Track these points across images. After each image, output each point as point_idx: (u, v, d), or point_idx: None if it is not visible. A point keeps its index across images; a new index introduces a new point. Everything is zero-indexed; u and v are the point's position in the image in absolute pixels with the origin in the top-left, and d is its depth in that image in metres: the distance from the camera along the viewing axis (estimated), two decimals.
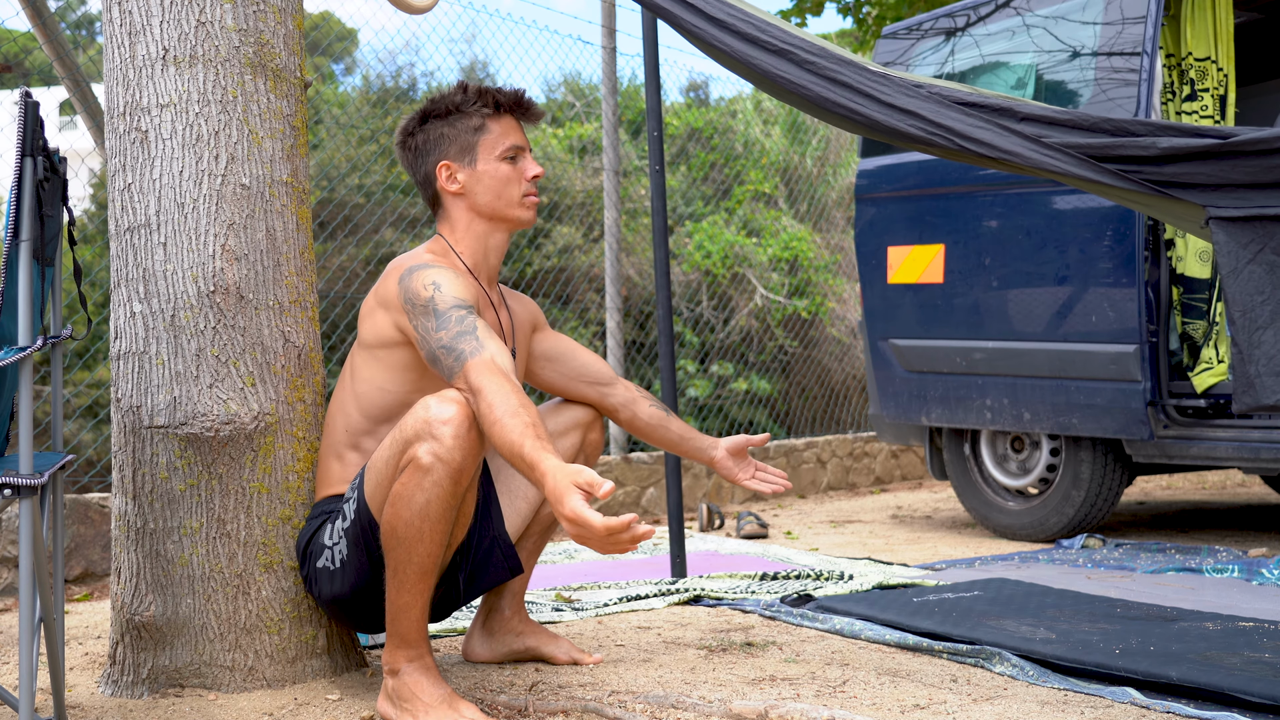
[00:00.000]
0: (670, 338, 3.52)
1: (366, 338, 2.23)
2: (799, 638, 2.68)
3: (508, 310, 2.42)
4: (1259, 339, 1.81)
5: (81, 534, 3.65)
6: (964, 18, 4.57)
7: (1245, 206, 1.83)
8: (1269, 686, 2.02)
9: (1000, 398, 4.31)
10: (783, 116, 8.21)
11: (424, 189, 2.36)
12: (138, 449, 2.24)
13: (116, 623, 2.29)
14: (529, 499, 2.45)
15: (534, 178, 2.32)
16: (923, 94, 2.03)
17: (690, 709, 2.07)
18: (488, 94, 2.32)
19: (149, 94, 2.24)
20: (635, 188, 7.29)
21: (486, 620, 2.50)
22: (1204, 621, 2.66)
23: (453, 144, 2.31)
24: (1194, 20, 4.09)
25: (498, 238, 2.34)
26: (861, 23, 8.95)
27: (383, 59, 7.23)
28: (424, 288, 2.12)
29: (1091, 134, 1.96)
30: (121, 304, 2.27)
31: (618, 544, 1.73)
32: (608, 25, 5.63)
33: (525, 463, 1.84)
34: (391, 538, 2.01)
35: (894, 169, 4.69)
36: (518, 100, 2.34)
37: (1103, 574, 3.50)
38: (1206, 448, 3.87)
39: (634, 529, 1.71)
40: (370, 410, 2.22)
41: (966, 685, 2.23)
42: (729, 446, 2.53)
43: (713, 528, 4.99)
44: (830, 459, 6.54)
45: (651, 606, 3.05)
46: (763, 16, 2.17)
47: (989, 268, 4.33)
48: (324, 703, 2.16)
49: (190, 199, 2.22)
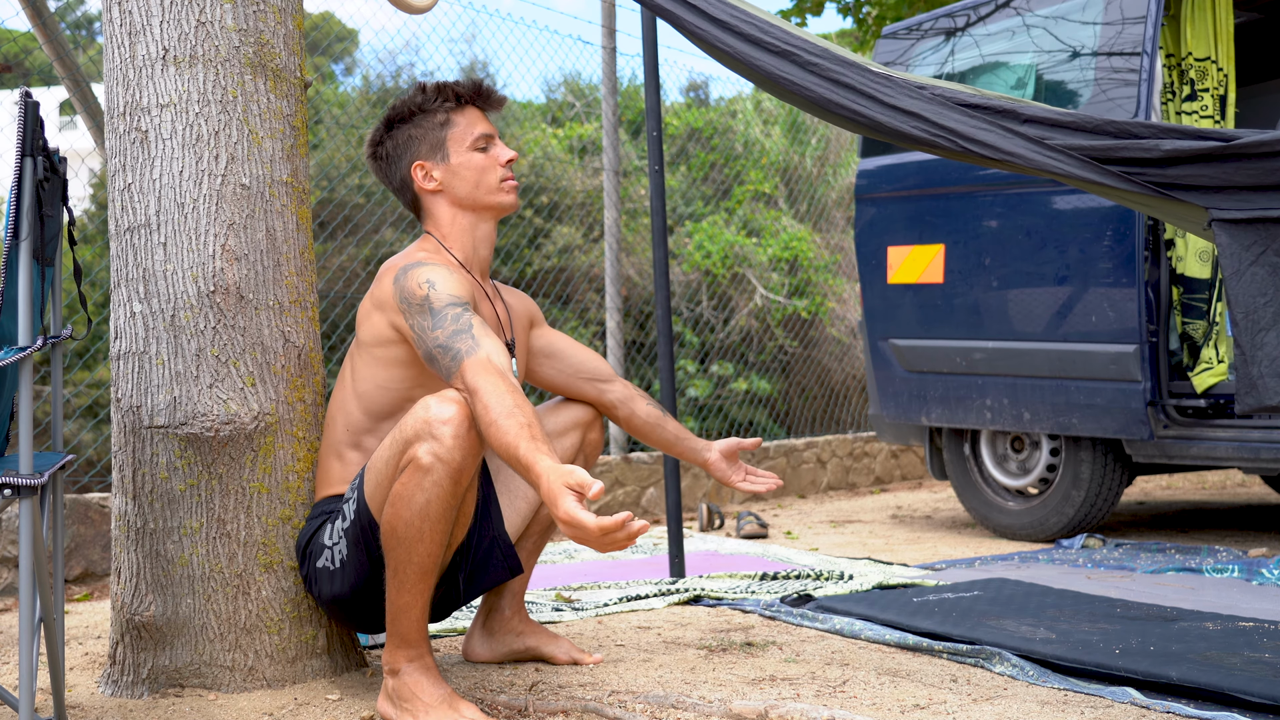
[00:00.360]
0: (670, 338, 3.52)
1: (364, 338, 2.23)
2: (799, 638, 2.68)
3: (503, 302, 2.42)
4: (1262, 340, 1.81)
5: (81, 534, 3.65)
6: (964, 18, 4.57)
7: (1248, 209, 1.83)
8: (1269, 686, 2.02)
9: (1000, 398, 4.31)
10: (783, 116, 8.21)
11: (402, 194, 2.37)
12: (138, 449, 2.24)
13: (116, 623, 2.29)
14: (529, 499, 2.45)
15: (508, 162, 2.33)
16: (926, 95, 2.03)
17: (690, 709, 2.07)
18: (447, 89, 2.32)
19: (149, 94, 2.24)
20: (635, 188, 7.29)
21: (487, 620, 2.50)
22: (1204, 621, 2.66)
23: (422, 143, 2.31)
24: (1194, 20, 4.09)
25: (484, 228, 2.34)
26: (861, 23, 8.95)
27: (383, 59, 7.23)
28: (419, 286, 2.12)
29: (1095, 136, 1.96)
30: (121, 304, 2.27)
31: (614, 542, 1.74)
32: (608, 25, 5.63)
33: (521, 464, 1.84)
34: (391, 538, 2.01)
35: (894, 169, 4.69)
36: (478, 90, 2.35)
37: (1103, 574, 3.50)
38: (1206, 448, 3.87)
39: (628, 527, 1.72)
40: (372, 408, 2.22)
41: (966, 685, 2.23)
42: (722, 449, 2.55)
43: (713, 528, 4.99)
44: (830, 459, 6.53)
45: (651, 606, 3.05)
46: (764, 17, 2.17)
47: (989, 268, 4.33)
48: (324, 703, 2.16)
49: (190, 199, 2.22)
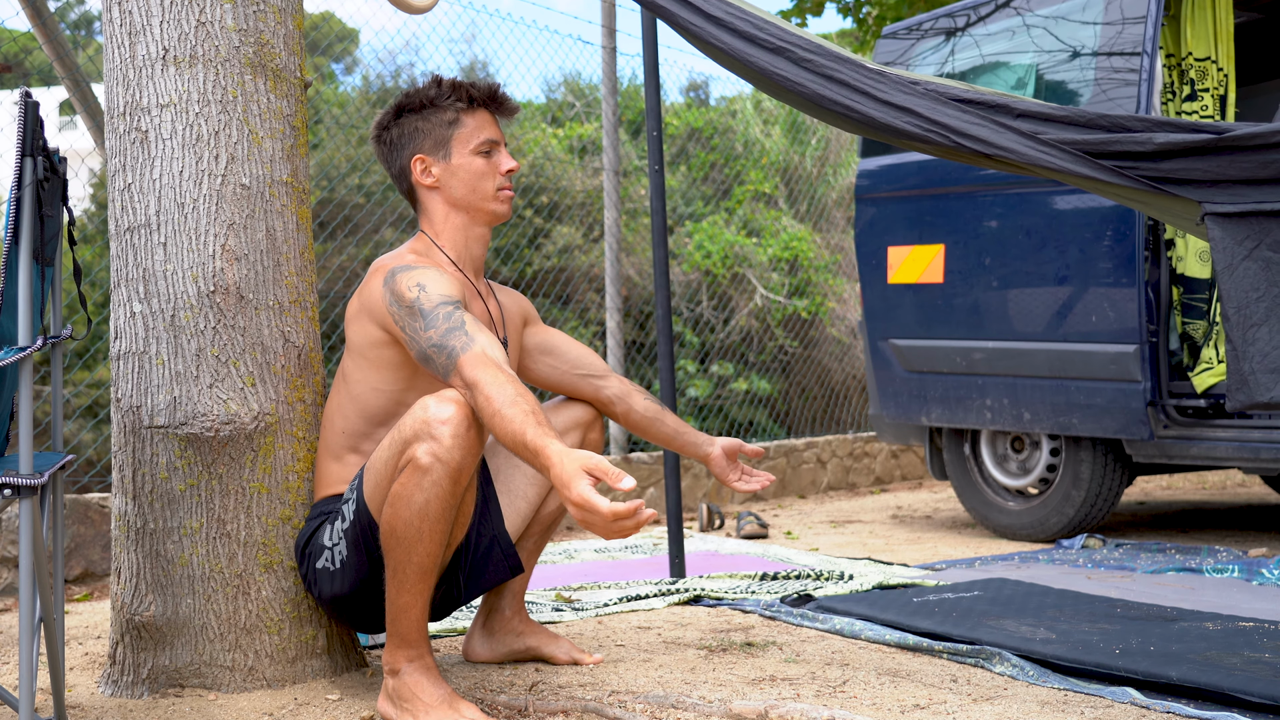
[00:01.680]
0: (670, 338, 3.52)
1: (355, 341, 2.22)
2: (799, 638, 2.68)
3: (496, 301, 2.41)
4: (1253, 336, 1.80)
5: (81, 534, 3.65)
6: (964, 18, 4.57)
7: (1241, 202, 1.82)
8: (1269, 686, 2.02)
9: (1000, 398, 4.31)
10: (783, 116, 8.21)
11: (399, 182, 2.37)
12: (138, 449, 2.24)
13: (116, 623, 2.29)
14: (529, 498, 2.45)
15: (508, 172, 2.32)
16: (919, 90, 2.03)
17: (690, 709, 2.07)
18: (462, 88, 2.31)
19: (149, 94, 2.24)
20: (635, 188, 7.28)
21: (487, 620, 2.50)
22: (1204, 621, 2.66)
23: (427, 138, 2.31)
24: (1194, 20, 4.09)
25: (477, 230, 2.34)
26: (862, 23, 8.95)
27: (383, 59, 7.23)
28: (408, 289, 2.11)
29: (1088, 130, 1.95)
30: (121, 304, 2.27)
31: (621, 529, 1.74)
32: (608, 25, 5.63)
33: (529, 450, 1.83)
34: (391, 538, 2.01)
35: (894, 169, 4.69)
36: (492, 94, 2.34)
37: (1103, 574, 3.50)
38: (1206, 448, 3.87)
39: (639, 514, 1.72)
40: (366, 411, 2.22)
41: (966, 685, 2.23)
42: (725, 446, 2.53)
43: (713, 528, 4.99)
44: (830, 459, 6.53)
45: (651, 606, 3.05)
46: (760, 15, 2.17)
47: (989, 268, 4.33)
48: (324, 703, 2.16)
49: (190, 199, 2.22)
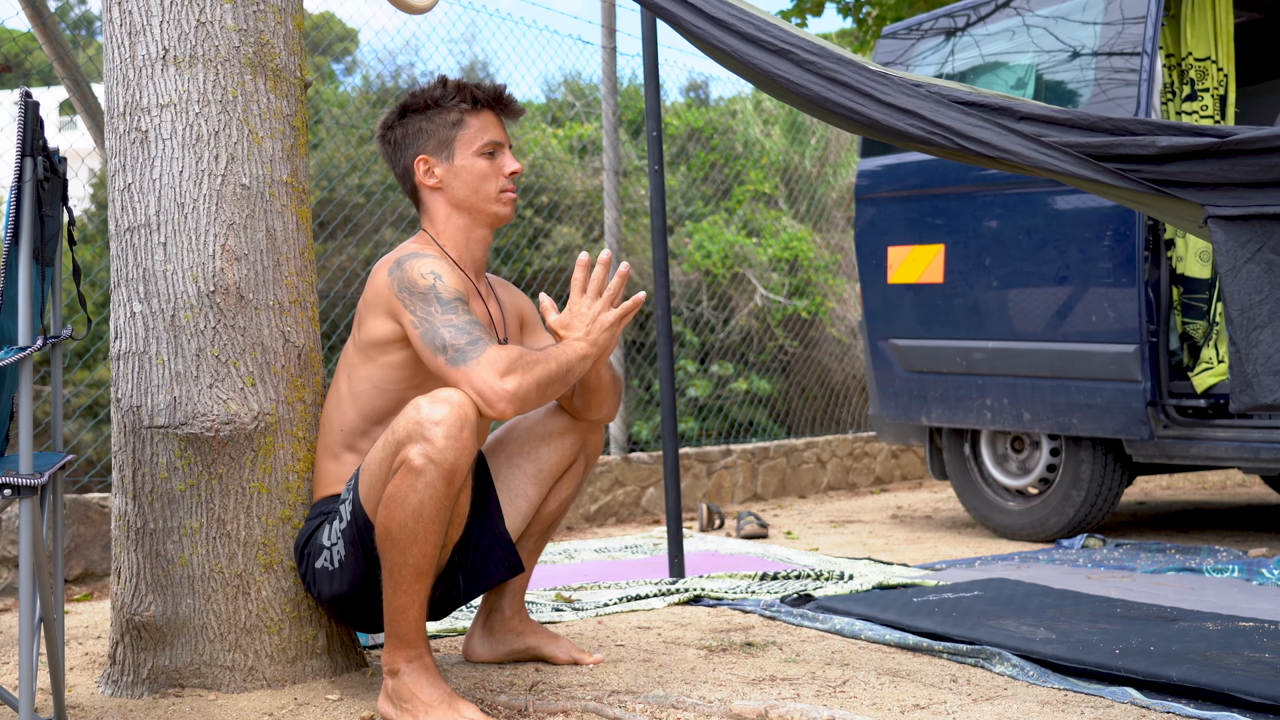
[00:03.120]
0: (670, 338, 3.52)
1: (362, 339, 2.22)
2: (799, 638, 2.68)
3: (496, 301, 2.41)
4: (1257, 338, 1.80)
5: (81, 534, 3.65)
6: (964, 18, 4.57)
7: (1244, 205, 1.83)
8: (1269, 687, 2.02)
9: (1000, 398, 4.30)
10: (783, 116, 8.21)
11: (403, 182, 2.37)
12: (138, 449, 2.24)
13: (116, 623, 2.29)
14: (529, 498, 2.45)
15: (511, 174, 2.31)
16: (922, 93, 2.03)
17: (690, 709, 2.07)
18: (466, 89, 2.31)
19: (149, 94, 2.24)
20: (635, 188, 7.28)
21: (487, 620, 2.50)
22: (1204, 621, 2.66)
23: (430, 138, 2.30)
24: (1194, 20, 4.09)
25: (479, 231, 2.34)
26: (861, 23, 8.95)
27: (383, 59, 7.24)
28: (422, 276, 2.11)
29: (1090, 133, 1.95)
30: (121, 304, 2.27)
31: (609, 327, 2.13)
32: (608, 25, 5.63)
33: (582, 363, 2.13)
34: (386, 539, 2.01)
35: (894, 169, 4.69)
36: (497, 96, 2.34)
37: (1103, 574, 3.50)
38: (1206, 448, 3.87)
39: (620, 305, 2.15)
40: (365, 410, 2.22)
41: (966, 685, 2.23)
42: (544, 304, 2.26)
43: (713, 528, 4.99)
44: (830, 459, 6.53)
45: (651, 606, 3.05)
46: (762, 16, 2.17)
47: (989, 268, 4.32)
48: (324, 703, 2.16)
49: (190, 199, 2.22)
